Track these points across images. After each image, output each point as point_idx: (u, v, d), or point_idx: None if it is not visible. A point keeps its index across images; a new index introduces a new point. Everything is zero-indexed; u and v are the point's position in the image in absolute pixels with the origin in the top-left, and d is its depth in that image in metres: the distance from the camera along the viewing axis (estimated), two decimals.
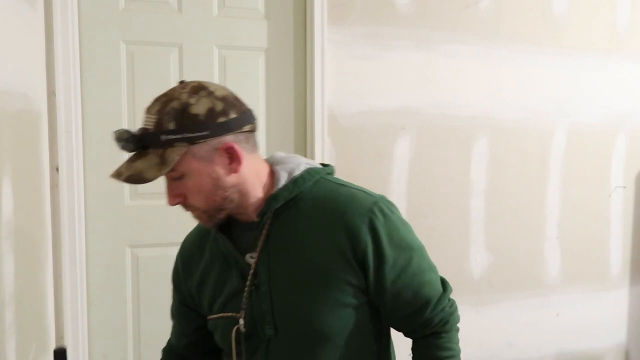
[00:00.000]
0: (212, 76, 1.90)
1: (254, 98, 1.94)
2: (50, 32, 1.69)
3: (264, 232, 0.93)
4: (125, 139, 0.85)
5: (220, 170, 0.88)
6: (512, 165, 2.25)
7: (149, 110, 0.87)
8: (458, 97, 2.14)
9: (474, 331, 2.19)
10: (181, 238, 1.10)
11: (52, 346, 1.71)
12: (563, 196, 2.33)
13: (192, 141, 0.84)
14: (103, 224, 1.85)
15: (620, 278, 2.47)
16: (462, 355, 0.92)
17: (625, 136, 2.42)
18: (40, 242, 1.65)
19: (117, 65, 1.84)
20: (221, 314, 0.98)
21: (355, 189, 0.97)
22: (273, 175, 0.96)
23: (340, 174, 1.92)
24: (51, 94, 1.71)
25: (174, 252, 1.11)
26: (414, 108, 2.09)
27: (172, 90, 0.88)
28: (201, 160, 0.86)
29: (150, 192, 1.88)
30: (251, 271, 0.93)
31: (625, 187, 2.45)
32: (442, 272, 0.87)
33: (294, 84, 2.03)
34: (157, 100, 0.88)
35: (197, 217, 0.93)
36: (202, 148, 0.86)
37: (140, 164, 0.85)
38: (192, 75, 1.90)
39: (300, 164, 0.97)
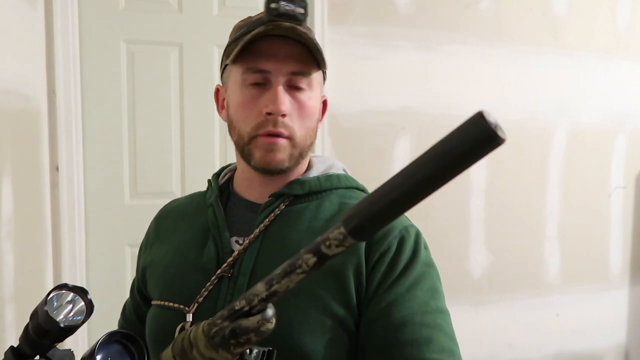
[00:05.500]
0: (213, 76, 1.90)
1: None
2: (50, 32, 1.69)
3: (269, 217, 0.77)
4: (305, 12, 0.73)
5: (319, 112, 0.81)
6: (512, 165, 2.24)
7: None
8: (458, 97, 2.14)
9: (474, 331, 2.19)
10: None
11: None
12: (563, 196, 2.33)
13: (324, 65, 0.76)
14: (103, 224, 1.85)
15: (620, 278, 2.47)
16: (462, 356, 0.87)
17: (625, 136, 2.42)
18: (40, 242, 1.65)
19: (117, 65, 1.84)
20: (165, 302, 0.77)
21: None
22: (308, 164, 0.85)
23: None
24: (51, 93, 1.71)
25: None
26: (414, 108, 2.08)
27: None
28: (320, 90, 0.80)
29: (150, 192, 1.89)
30: (234, 254, 0.76)
31: (625, 187, 2.45)
32: (442, 272, 0.85)
33: None
34: None
35: (280, 146, 0.75)
36: (322, 83, 0.81)
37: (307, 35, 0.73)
38: (192, 75, 1.90)
39: (339, 167, 0.86)
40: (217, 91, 0.84)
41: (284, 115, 0.73)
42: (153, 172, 1.89)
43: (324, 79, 0.82)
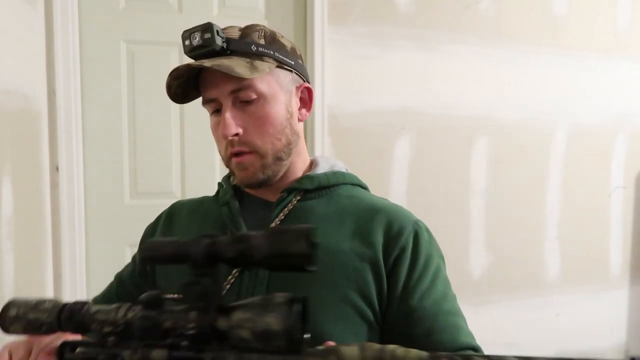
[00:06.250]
0: None
1: None
2: (50, 32, 1.69)
3: (283, 212, 0.80)
4: (211, 33, 0.74)
5: (294, 107, 0.82)
6: (512, 165, 2.24)
7: (226, 28, 0.79)
8: (458, 97, 2.14)
9: (474, 331, 2.18)
10: None
11: None
12: (563, 196, 2.33)
13: (280, 62, 0.79)
14: (103, 224, 1.85)
15: (620, 278, 2.47)
16: None
17: (625, 136, 2.42)
18: (40, 242, 1.65)
19: (117, 65, 1.84)
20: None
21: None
22: (312, 164, 0.88)
23: None
24: (51, 93, 1.71)
25: None
26: (414, 108, 2.08)
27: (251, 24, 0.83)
28: (282, 88, 0.80)
29: (151, 192, 1.89)
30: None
31: (625, 187, 2.45)
32: None
33: None
34: (235, 26, 0.81)
35: (247, 163, 0.78)
36: (286, 76, 0.81)
37: (226, 61, 0.74)
38: None
39: (342, 166, 0.90)
40: None
41: (236, 135, 0.76)
42: (153, 172, 1.89)
43: (294, 68, 0.82)
